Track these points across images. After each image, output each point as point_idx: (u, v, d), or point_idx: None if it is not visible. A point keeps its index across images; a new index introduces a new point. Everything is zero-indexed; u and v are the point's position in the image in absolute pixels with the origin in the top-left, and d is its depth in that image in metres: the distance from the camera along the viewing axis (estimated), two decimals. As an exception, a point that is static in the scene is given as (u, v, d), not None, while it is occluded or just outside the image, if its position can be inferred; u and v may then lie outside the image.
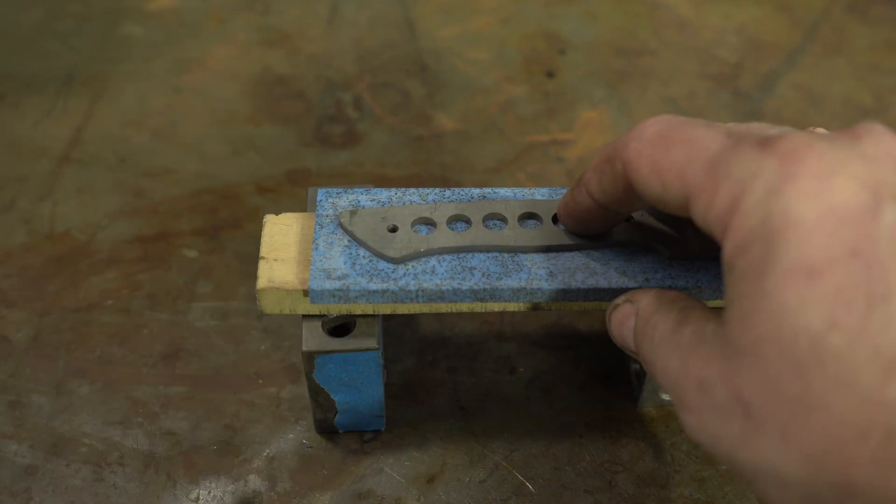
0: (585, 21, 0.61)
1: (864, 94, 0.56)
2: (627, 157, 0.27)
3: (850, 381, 0.20)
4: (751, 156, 0.23)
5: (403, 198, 0.35)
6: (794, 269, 0.21)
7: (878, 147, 0.23)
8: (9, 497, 0.35)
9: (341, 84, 0.56)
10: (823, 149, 0.23)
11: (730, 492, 0.36)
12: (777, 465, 0.22)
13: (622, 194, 0.29)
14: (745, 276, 0.23)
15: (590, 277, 0.32)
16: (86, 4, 0.61)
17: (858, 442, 0.20)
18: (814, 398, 0.21)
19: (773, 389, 0.22)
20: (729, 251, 0.23)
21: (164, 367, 0.40)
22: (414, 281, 0.32)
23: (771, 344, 0.22)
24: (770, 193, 0.22)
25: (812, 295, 0.21)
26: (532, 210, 0.34)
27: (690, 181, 0.25)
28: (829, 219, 0.21)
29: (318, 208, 0.35)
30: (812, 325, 0.21)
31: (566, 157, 0.51)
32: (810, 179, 0.22)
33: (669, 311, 0.27)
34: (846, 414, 0.20)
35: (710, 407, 0.24)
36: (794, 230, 0.22)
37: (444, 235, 0.33)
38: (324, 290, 0.32)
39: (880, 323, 0.20)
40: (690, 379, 0.24)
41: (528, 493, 0.36)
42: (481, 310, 0.33)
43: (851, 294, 0.21)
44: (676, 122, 0.27)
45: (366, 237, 0.33)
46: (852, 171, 0.22)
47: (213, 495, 0.36)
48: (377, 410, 0.36)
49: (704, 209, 0.24)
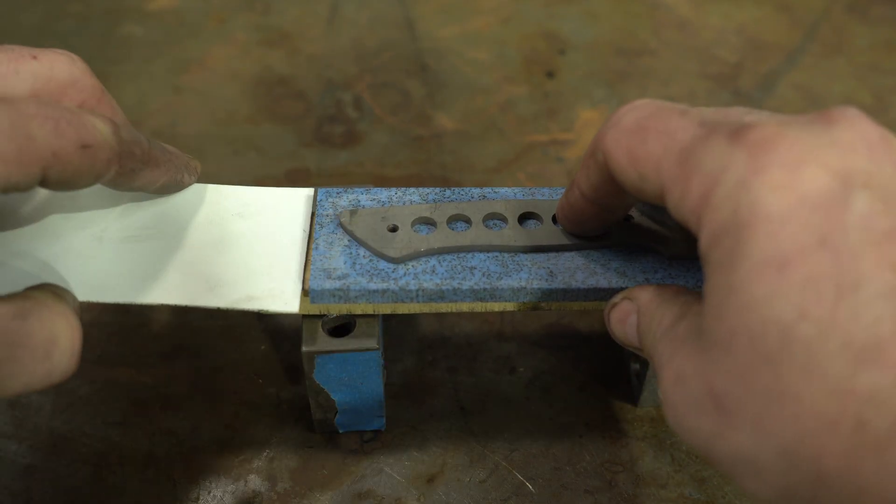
0: (585, 21, 0.61)
1: (864, 94, 0.56)
2: (606, 147, 0.27)
3: (820, 371, 0.20)
4: (721, 148, 0.23)
5: (403, 197, 0.35)
6: (764, 260, 0.21)
7: (852, 132, 0.23)
8: (9, 497, 0.35)
9: (341, 84, 0.56)
10: (794, 137, 0.22)
11: (730, 492, 0.36)
12: (752, 457, 0.22)
13: (608, 185, 0.28)
14: (718, 269, 0.23)
15: (590, 277, 0.32)
16: (86, 4, 0.61)
17: (829, 432, 0.20)
18: (784, 389, 0.21)
19: (744, 381, 0.22)
20: (703, 244, 0.23)
21: (164, 367, 0.40)
22: (414, 280, 0.32)
23: (741, 336, 0.22)
24: (739, 186, 0.22)
25: (781, 286, 0.21)
26: (532, 210, 0.34)
27: (664, 173, 0.25)
28: (798, 209, 0.21)
29: (318, 208, 0.35)
30: (782, 316, 0.21)
31: (566, 157, 0.51)
32: (779, 170, 0.22)
33: (672, 306, 0.27)
34: (817, 404, 0.20)
35: (686, 400, 0.24)
36: (762, 222, 0.22)
37: (445, 235, 0.33)
38: (324, 290, 0.32)
39: (850, 312, 0.20)
40: (670, 371, 0.24)
41: (528, 493, 0.36)
42: (481, 310, 0.33)
43: (820, 284, 0.21)
44: (653, 108, 0.26)
45: (366, 237, 0.33)
46: (822, 160, 0.22)
47: (213, 495, 0.36)
48: (377, 410, 0.36)
49: (678, 201, 0.24)
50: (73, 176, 0.26)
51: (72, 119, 0.25)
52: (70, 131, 0.25)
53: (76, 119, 0.26)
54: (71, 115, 0.26)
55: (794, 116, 0.24)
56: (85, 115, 0.26)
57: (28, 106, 0.24)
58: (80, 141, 0.25)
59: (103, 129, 0.26)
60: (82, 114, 0.26)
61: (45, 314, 0.25)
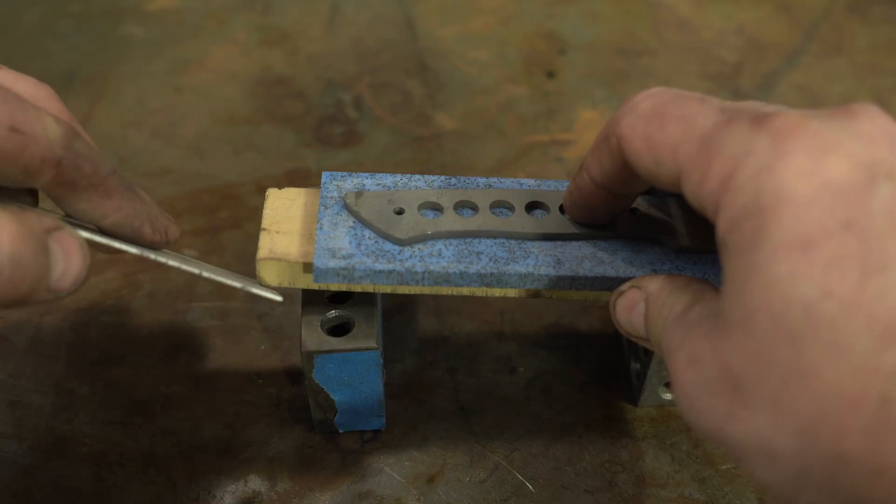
0: (585, 21, 0.61)
1: (864, 94, 0.56)
2: (621, 132, 0.27)
3: (844, 349, 0.20)
4: (744, 133, 0.23)
5: (409, 183, 0.35)
6: (787, 241, 0.21)
7: (874, 126, 0.23)
8: (9, 497, 0.35)
9: (341, 84, 0.56)
10: (817, 127, 0.22)
11: (730, 492, 0.36)
12: (766, 438, 0.22)
13: (620, 171, 0.28)
14: (738, 252, 0.23)
15: (597, 266, 0.32)
16: (86, 4, 0.61)
17: (852, 410, 0.20)
18: (806, 366, 0.21)
19: (763, 360, 0.22)
20: (722, 228, 0.23)
21: (164, 367, 0.40)
22: (420, 263, 0.32)
23: (762, 315, 0.22)
24: (762, 170, 0.22)
25: (805, 265, 0.21)
26: (539, 199, 0.34)
27: (683, 158, 0.25)
28: (823, 194, 0.21)
29: (322, 190, 0.34)
30: (805, 295, 0.21)
31: (566, 157, 0.51)
32: (803, 157, 0.22)
33: (684, 293, 0.27)
34: (840, 382, 0.20)
35: (699, 381, 0.23)
36: (786, 205, 0.22)
37: (452, 220, 0.33)
38: (328, 269, 0.31)
39: (876, 291, 0.20)
40: (683, 353, 0.24)
41: (528, 493, 0.36)
42: (482, 294, 0.33)
43: (845, 264, 0.21)
44: (670, 95, 0.26)
45: (372, 218, 0.33)
46: (846, 149, 0.22)
47: (213, 495, 0.36)
48: (377, 410, 0.36)
49: (696, 186, 0.24)
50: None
51: (9, 100, 0.24)
52: (2, 109, 0.24)
53: (15, 101, 0.24)
54: (10, 96, 0.24)
55: (815, 110, 0.24)
56: (29, 104, 0.25)
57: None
58: (11, 122, 0.24)
59: (50, 125, 0.25)
60: (26, 102, 0.25)
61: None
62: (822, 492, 0.21)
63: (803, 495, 0.21)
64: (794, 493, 0.22)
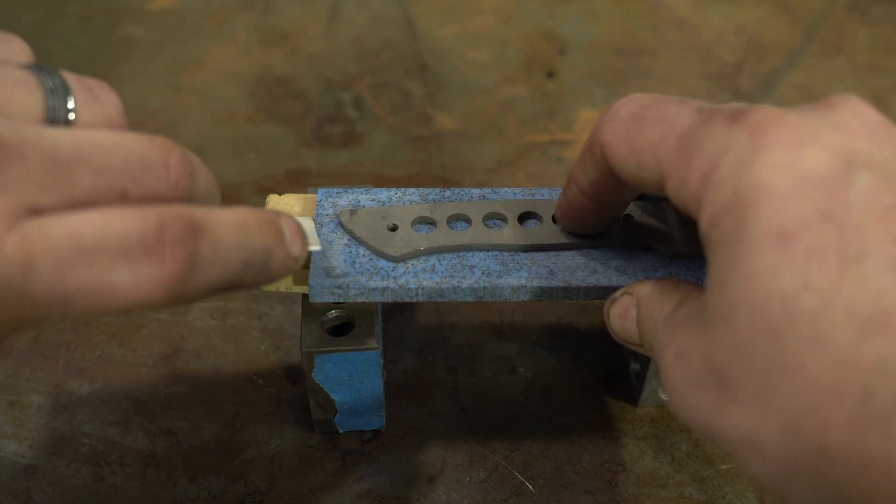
0: (585, 21, 0.61)
1: (864, 94, 0.56)
2: (604, 139, 0.27)
3: (824, 341, 0.20)
4: (722, 129, 0.23)
5: (403, 197, 0.35)
6: (766, 235, 0.21)
7: (853, 116, 0.23)
8: (9, 497, 0.35)
9: (341, 84, 0.56)
10: (795, 120, 0.23)
11: (730, 492, 0.36)
12: (753, 432, 0.22)
13: (606, 179, 0.29)
14: (720, 247, 0.23)
15: (590, 276, 0.32)
16: (86, 4, 0.61)
17: (834, 404, 0.20)
18: (788, 360, 0.21)
19: (746, 355, 0.22)
20: (704, 224, 0.23)
21: (163, 367, 0.40)
22: (414, 279, 0.32)
23: (743, 309, 0.22)
24: (741, 165, 0.22)
25: (784, 258, 0.21)
26: (532, 210, 0.34)
27: (664, 159, 0.25)
28: (801, 186, 0.21)
29: (317, 208, 0.35)
30: (784, 288, 0.21)
31: (566, 157, 0.51)
32: (781, 150, 0.22)
33: (672, 295, 0.27)
34: (822, 374, 0.20)
35: (686, 377, 0.23)
36: (765, 199, 0.22)
37: (445, 234, 0.33)
38: (323, 288, 0.32)
39: (855, 282, 0.20)
40: (670, 350, 0.24)
41: (528, 493, 0.36)
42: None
43: (824, 255, 0.21)
44: (649, 100, 0.27)
45: (366, 236, 0.33)
46: (824, 141, 0.22)
47: (213, 495, 0.36)
48: (377, 410, 0.36)
49: (678, 185, 0.24)
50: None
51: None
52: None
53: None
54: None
55: (794, 107, 0.24)
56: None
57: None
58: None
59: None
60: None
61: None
62: (810, 485, 0.21)
63: (795, 489, 0.21)
64: (786, 487, 0.22)
